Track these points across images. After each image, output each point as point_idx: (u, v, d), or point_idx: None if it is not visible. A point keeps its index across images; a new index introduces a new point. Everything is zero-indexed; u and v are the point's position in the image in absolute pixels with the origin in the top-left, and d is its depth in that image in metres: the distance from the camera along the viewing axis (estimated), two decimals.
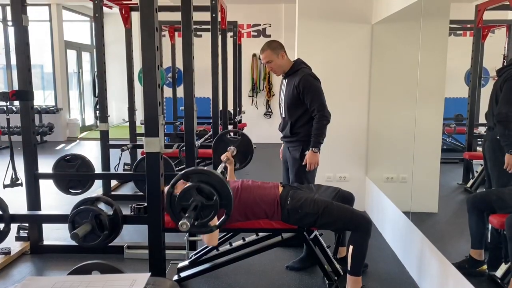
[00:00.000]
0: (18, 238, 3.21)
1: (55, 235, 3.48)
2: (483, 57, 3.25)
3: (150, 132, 2.14)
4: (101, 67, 4.45)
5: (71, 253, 3.09)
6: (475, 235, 2.43)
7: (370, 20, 3.93)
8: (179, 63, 4.52)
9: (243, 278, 2.80)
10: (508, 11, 3.17)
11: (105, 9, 4.63)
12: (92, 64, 10.46)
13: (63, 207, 3.72)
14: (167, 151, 2.23)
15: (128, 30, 5.01)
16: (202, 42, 5.53)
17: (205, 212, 2.01)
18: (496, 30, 3.30)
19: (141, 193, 4.11)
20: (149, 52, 2.06)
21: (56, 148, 8.03)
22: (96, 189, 4.47)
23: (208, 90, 4.07)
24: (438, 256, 2.42)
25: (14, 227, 3.10)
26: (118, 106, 10.66)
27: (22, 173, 3.10)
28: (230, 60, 5.84)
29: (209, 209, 2.01)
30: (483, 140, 2.98)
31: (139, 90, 5.99)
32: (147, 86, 2.10)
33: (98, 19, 4.36)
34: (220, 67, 4.39)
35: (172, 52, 6.81)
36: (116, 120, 11.10)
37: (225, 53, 4.77)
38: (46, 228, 3.35)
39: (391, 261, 3.08)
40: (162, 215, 2.30)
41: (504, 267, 2.20)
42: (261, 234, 2.65)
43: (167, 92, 6.93)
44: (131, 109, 5.20)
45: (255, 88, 8.59)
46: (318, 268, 2.68)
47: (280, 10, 8.31)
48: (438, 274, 2.42)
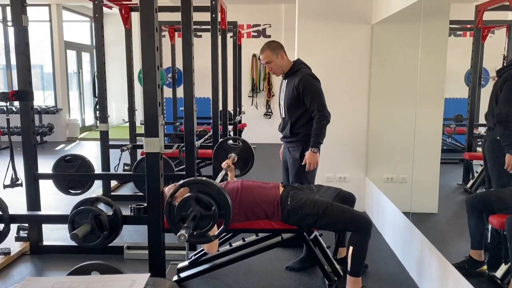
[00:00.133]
0: (18, 239, 3.21)
1: (55, 236, 3.48)
2: (483, 58, 3.25)
3: (150, 133, 2.14)
4: (101, 68, 4.45)
5: (71, 254, 3.09)
6: (475, 236, 2.43)
7: (370, 21, 3.93)
8: (179, 64, 4.52)
9: (243, 279, 2.80)
10: (508, 12, 3.17)
11: (105, 10, 4.63)
12: (92, 65, 10.46)
13: (63, 208, 3.72)
14: (167, 152, 2.23)
15: (128, 31, 5.01)
16: (202, 43, 5.54)
17: (204, 222, 2.02)
18: (496, 31, 3.30)
19: (141, 194, 4.11)
20: (149, 52, 2.06)
21: (56, 149, 8.02)
22: (96, 190, 4.47)
23: (208, 90, 4.07)
24: (438, 257, 2.42)
25: (14, 228, 3.10)
26: (118, 107, 10.66)
27: (22, 174, 3.10)
28: (230, 61, 5.83)
29: (208, 219, 2.01)
30: (483, 141, 2.98)
31: (139, 91, 5.99)
32: (147, 87, 2.10)
33: (98, 20, 4.36)
34: (220, 68, 4.38)
35: (172, 53, 6.81)
36: (116, 121, 11.10)
37: (225, 54, 4.77)
38: (46, 229, 3.35)
39: (391, 262, 3.08)
40: (162, 216, 2.29)
41: (504, 268, 2.20)
42: (261, 235, 2.65)
43: (167, 93, 6.93)
44: (131, 110, 5.20)
45: (255, 89, 8.59)
46: (318, 269, 2.67)
47: (280, 10, 8.31)
48: (438, 275, 2.42)
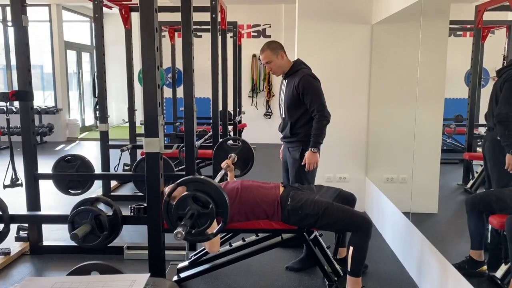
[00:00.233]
0: (18, 239, 3.20)
1: (55, 236, 3.48)
2: (483, 58, 3.25)
3: (150, 133, 2.14)
4: (101, 68, 4.45)
5: (71, 254, 3.09)
6: (475, 236, 2.43)
7: (370, 21, 3.93)
8: (179, 64, 4.53)
9: (243, 279, 2.80)
10: (508, 12, 3.17)
11: (105, 10, 4.63)
12: (92, 65, 10.46)
13: (63, 208, 3.72)
14: (167, 152, 2.23)
15: (128, 31, 5.01)
16: (202, 43, 5.54)
17: (202, 220, 2.02)
18: (496, 31, 3.30)
19: (141, 194, 4.11)
20: (149, 53, 2.06)
21: (56, 149, 8.02)
22: (96, 190, 4.46)
23: (208, 91, 4.07)
24: (438, 257, 2.42)
25: (14, 228, 3.10)
26: (118, 107, 10.67)
27: (22, 174, 3.10)
28: (230, 61, 5.83)
29: (206, 217, 2.01)
30: (483, 141, 2.98)
31: (139, 91, 5.99)
32: (147, 87, 2.10)
33: (98, 20, 4.36)
34: (220, 68, 4.39)
35: (172, 53, 6.81)
36: (116, 121, 11.10)
37: (225, 54, 4.77)
38: (46, 229, 3.35)
39: (391, 262, 3.07)
40: (162, 216, 2.29)
41: (504, 268, 2.20)
42: (261, 235, 2.65)
43: (167, 93, 6.93)
44: (131, 110, 5.20)
45: (255, 89, 8.60)
46: (318, 269, 2.67)
47: (280, 11, 8.31)
48: (438, 275, 2.42)
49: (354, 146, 4.10)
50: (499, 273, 2.21)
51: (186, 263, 2.75)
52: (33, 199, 3.12)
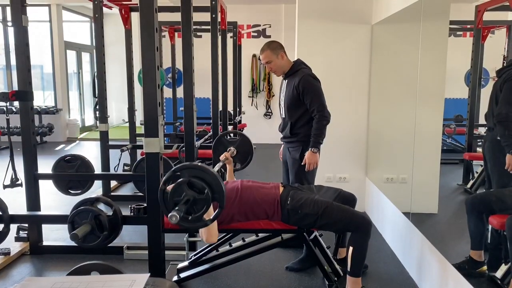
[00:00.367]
0: (18, 239, 3.20)
1: (55, 236, 3.48)
2: (483, 58, 3.25)
3: (150, 133, 2.14)
4: (101, 68, 4.45)
5: (71, 254, 3.09)
6: (475, 236, 2.43)
7: (370, 21, 3.93)
8: (179, 64, 4.52)
9: (243, 279, 2.80)
10: (508, 12, 3.17)
11: (105, 10, 4.63)
12: (92, 65, 10.46)
13: (63, 208, 3.72)
14: (167, 152, 2.23)
15: (128, 31, 5.01)
16: (202, 43, 5.54)
17: (198, 206, 1.99)
18: (496, 31, 3.30)
19: (141, 194, 4.11)
20: (149, 53, 2.06)
21: (56, 149, 8.02)
22: (96, 190, 4.46)
23: (208, 91, 4.07)
24: (438, 257, 2.42)
25: (14, 228, 3.10)
26: (118, 107, 10.67)
27: (22, 174, 3.10)
28: (230, 61, 5.84)
29: (202, 203, 1.99)
30: (483, 141, 2.98)
31: (139, 91, 5.99)
32: (147, 87, 2.10)
33: (98, 20, 4.36)
34: (220, 68, 4.39)
35: (172, 53, 6.81)
36: (116, 121, 11.10)
37: (225, 54, 4.77)
38: (46, 229, 3.35)
39: (391, 262, 3.07)
40: (162, 216, 2.30)
41: (504, 268, 2.20)
42: (261, 235, 2.65)
43: (167, 93, 6.93)
44: (131, 110, 5.20)
45: (255, 89, 8.60)
46: (318, 269, 2.67)
47: (280, 11, 8.31)
48: (438, 275, 2.42)
49: (354, 146, 4.10)
50: (499, 273, 2.21)
51: (186, 263, 2.75)
52: (33, 199, 3.12)
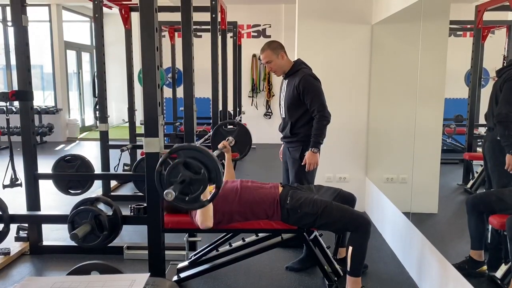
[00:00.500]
0: (18, 239, 3.20)
1: (55, 236, 3.48)
2: (483, 58, 3.25)
3: (150, 133, 2.14)
4: (101, 68, 4.45)
5: (71, 254, 3.09)
6: (475, 236, 2.43)
7: (370, 21, 3.93)
8: (179, 64, 4.53)
9: (243, 279, 2.80)
10: (508, 12, 3.18)
11: (105, 10, 4.63)
12: (92, 65, 10.46)
13: (63, 208, 3.72)
14: (167, 152, 2.22)
15: (128, 31, 5.01)
16: (202, 43, 5.54)
17: (195, 187, 1.98)
18: (496, 31, 3.30)
19: (141, 194, 4.11)
20: (149, 53, 2.06)
21: (56, 149, 8.02)
22: (96, 190, 4.46)
23: (208, 91, 4.07)
24: (438, 257, 2.42)
25: (14, 228, 3.10)
26: (118, 107, 10.67)
27: (22, 174, 3.10)
28: (230, 61, 5.84)
29: (198, 183, 1.98)
30: (483, 141, 2.98)
31: (139, 91, 5.99)
32: (147, 87, 2.10)
33: (98, 20, 4.36)
34: (220, 68, 4.39)
35: (172, 53, 6.81)
36: (116, 121, 11.10)
37: (225, 54, 4.77)
38: (46, 229, 3.35)
39: (391, 262, 3.07)
40: (162, 216, 2.30)
41: (504, 268, 2.20)
42: (261, 235, 2.65)
43: (167, 93, 6.93)
44: (131, 110, 5.20)
45: (255, 89, 8.60)
46: (318, 269, 2.67)
47: (280, 10, 8.31)
48: (438, 275, 2.42)
49: (354, 146, 4.10)
50: (499, 273, 2.21)
51: (186, 263, 2.75)
52: (33, 199, 3.12)
